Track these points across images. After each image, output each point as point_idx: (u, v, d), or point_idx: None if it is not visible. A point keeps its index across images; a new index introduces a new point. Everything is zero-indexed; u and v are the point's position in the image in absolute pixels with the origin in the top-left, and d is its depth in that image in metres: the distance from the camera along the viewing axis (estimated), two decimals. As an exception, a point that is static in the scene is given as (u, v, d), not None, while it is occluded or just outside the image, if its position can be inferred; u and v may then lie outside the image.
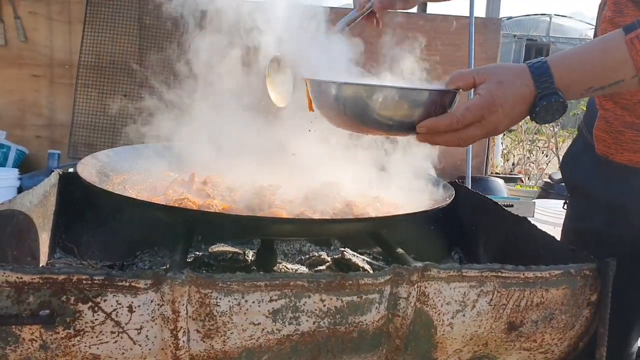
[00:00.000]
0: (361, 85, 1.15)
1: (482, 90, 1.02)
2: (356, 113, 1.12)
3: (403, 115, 1.10)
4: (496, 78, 1.02)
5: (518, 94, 1.01)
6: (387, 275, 1.01)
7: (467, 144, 1.06)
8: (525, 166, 8.01)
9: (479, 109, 1.01)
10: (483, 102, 1.01)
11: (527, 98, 1.01)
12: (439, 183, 1.58)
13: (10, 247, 1.24)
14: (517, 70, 1.03)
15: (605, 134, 1.32)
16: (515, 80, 1.01)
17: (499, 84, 1.02)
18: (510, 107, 1.01)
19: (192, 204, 1.27)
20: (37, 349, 0.93)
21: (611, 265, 1.07)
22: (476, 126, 1.03)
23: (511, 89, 1.01)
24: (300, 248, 1.83)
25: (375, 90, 1.10)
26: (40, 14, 4.81)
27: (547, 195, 5.46)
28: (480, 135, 1.05)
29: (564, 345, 1.15)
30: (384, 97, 1.09)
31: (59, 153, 4.72)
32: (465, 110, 1.02)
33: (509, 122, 1.04)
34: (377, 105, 1.09)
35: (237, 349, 0.99)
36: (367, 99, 1.10)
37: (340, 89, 1.14)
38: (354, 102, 1.12)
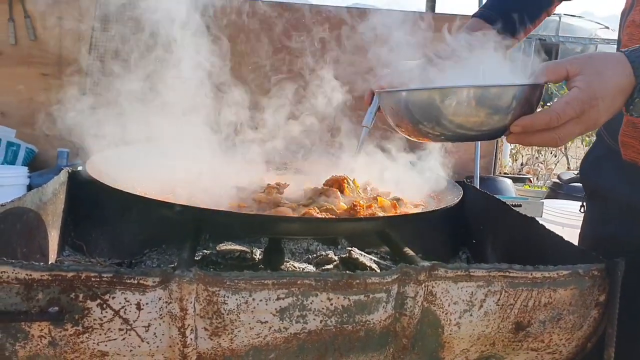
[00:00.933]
0: (438, 89, 1.04)
1: (580, 83, 0.95)
2: (435, 120, 1.03)
3: (492, 115, 1.00)
4: (593, 69, 0.95)
5: (618, 84, 0.94)
6: (395, 274, 1.01)
7: (563, 143, 0.99)
8: (534, 166, 7.97)
9: (581, 103, 0.94)
10: (584, 95, 0.94)
11: (626, 89, 0.95)
12: (447, 182, 1.58)
13: (19, 245, 1.24)
14: (615, 60, 0.96)
15: (634, 139, 1.27)
16: (615, 70, 0.95)
17: (598, 74, 0.95)
18: (610, 100, 0.95)
19: (200, 202, 1.28)
20: (46, 345, 0.93)
21: (620, 266, 1.07)
22: (575, 122, 0.96)
23: (611, 79, 0.94)
24: (308, 247, 1.83)
25: (463, 92, 1.00)
26: (50, 13, 4.83)
27: (556, 196, 5.43)
28: (579, 132, 0.98)
29: (571, 346, 1.14)
30: (475, 98, 1.00)
31: (68, 151, 4.74)
32: (566, 105, 0.95)
33: (607, 116, 0.97)
34: (467, 110, 1.00)
35: (245, 347, 0.99)
36: (445, 101, 1.01)
37: (430, 96, 1.04)
38: (431, 108, 1.02)
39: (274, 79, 1.71)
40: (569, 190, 5.40)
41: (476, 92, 1.00)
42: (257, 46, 3.81)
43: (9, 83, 4.90)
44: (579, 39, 11.67)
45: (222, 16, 1.79)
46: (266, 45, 3.76)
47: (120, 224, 1.73)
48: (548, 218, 3.97)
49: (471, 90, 1.00)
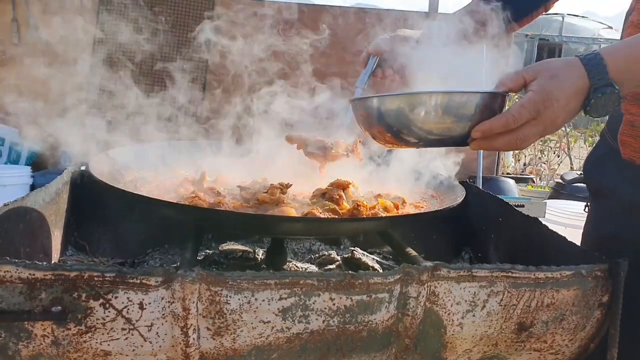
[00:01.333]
0: (405, 95, 1.09)
1: (535, 86, 1.00)
2: (403, 127, 1.07)
3: (455, 121, 1.04)
4: (548, 73, 1.00)
5: (573, 86, 0.99)
6: (397, 274, 1.01)
7: (525, 144, 1.03)
8: (537, 166, 7.96)
9: (534, 104, 0.99)
10: (537, 97, 0.99)
11: (581, 91, 0.99)
12: (450, 183, 1.57)
13: (22, 244, 1.25)
14: (569, 64, 1.01)
15: (632, 138, 1.28)
16: (569, 73, 0.99)
17: (552, 77, 1.00)
18: (565, 101, 0.99)
19: (203, 202, 1.28)
20: (48, 344, 0.93)
21: (622, 266, 1.06)
22: (532, 124, 1.00)
23: (565, 82, 0.99)
24: (310, 247, 1.83)
25: (423, 99, 1.04)
26: (53, 12, 4.84)
27: (559, 196, 5.43)
28: (538, 133, 1.02)
29: (574, 347, 1.14)
30: (434, 105, 1.03)
31: (71, 151, 4.75)
32: (521, 107, 0.99)
33: (565, 117, 1.02)
34: (426, 115, 1.04)
35: (247, 347, 0.99)
36: (413, 109, 1.04)
37: (382, 102, 1.08)
38: (399, 115, 1.06)
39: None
40: (572, 190, 5.39)
41: (440, 99, 1.04)
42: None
43: (13, 82, 4.91)
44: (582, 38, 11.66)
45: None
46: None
47: (123, 224, 1.73)
48: (551, 218, 3.97)
49: (436, 97, 1.04)
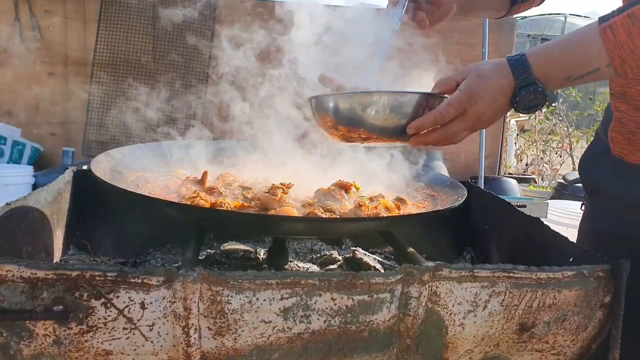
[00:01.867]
0: (349, 94, 1.19)
1: (462, 86, 1.08)
2: (347, 121, 1.16)
3: (392, 118, 1.13)
4: (475, 73, 1.08)
5: (497, 84, 1.06)
6: (399, 274, 1.01)
7: (455, 139, 1.11)
8: (539, 166, 7.95)
9: (460, 101, 1.07)
10: (462, 94, 1.07)
11: (507, 89, 1.06)
12: (452, 183, 1.57)
13: (24, 244, 1.25)
14: (496, 64, 1.08)
15: (620, 135, 1.32)
16: (494, 73, 1.07)
17: (478, 77, 1.07)
18: (491, 98, 1.06)
19: (204, 202, 1.28)
20: (50, 344, 0.93)
21: (625, 267, 1.06)
22: (460, 120, 1.08)
23: (490, 80, 1.06)
24: (312, 247, 1.83)
25: (363, 97, 1.14)
26: (55, 12, 4.85)
27: (561, 196, 5.41)
28: (466, 128, 1.10)
29: (576, 347, 1.14)
30: (373, 103, 1.13)
31: (73, 150, 4.76)
32: (447, 105, 1.08)
33: (492, 113, 1.09)
34: (366, 112, 1.13)
35: (248, 347, 0.99)
36: (356, 106, 1.14)
37: (329, 100, 1.18)
38: (344, 111, 1.16)
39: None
40: (574, 190, 5.38)
41: (381, 99, 1.14)
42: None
43: (15, 82, 4.92)
44: (585, 38, 11.60)
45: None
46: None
47: (125, 223, 1.73)
48: (553, 219, 3.96)
49: (377, 96, 1.14)
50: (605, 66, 1.03)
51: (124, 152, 1.54)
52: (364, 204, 1.32)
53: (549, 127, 8.37)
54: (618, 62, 1.02)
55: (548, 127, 8.38)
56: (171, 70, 4.78)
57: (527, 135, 8.63)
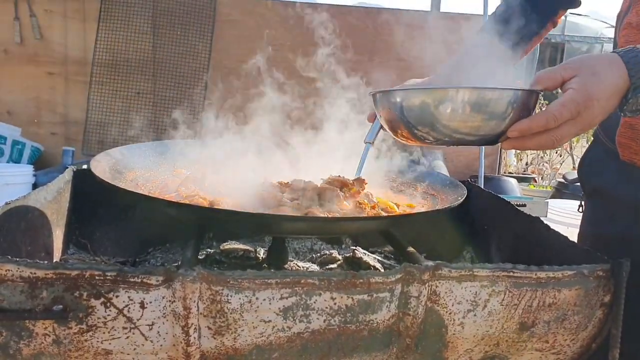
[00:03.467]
0: (435, 89, 1.04)
1: (576, 84, 0.96)
2: (430, 124, 1.03)
3: (490, 119, 1.00)
4: (589, 70, 0.96)
5: (613, 85, 0.95)
6: (398, 274, 1.01)
7: (561, 143, 1.00)
8: (539, 166, 7.94)
9: (576, 104, 0.95)
10: (579, 96, 0.95)
11: (621, 89, 0.96)
12: (452, 182, 1.57)
13: (24, 243, 1.25)
14: (609, 61, 0.97)
15: (632, 140, 1.28)
16: (609, 71, 0.96)
17: (593, 75, 0.96)
18: (605, 101, 0.96)
19: (203, 201, 1.28)
20: (50, 343, 0.93)
21: (625, 266, 1.06)
22: (571, 124, 0.97)
23: (606, 80, 0.95)
24: (312, 246, 1.83)
25: (459, 95, 0.99)
26: (55, 12, 4.85)
27: (561, 196, 5.42)
28: (575, 133, 0.99)
29: (576, 347, 1.14)
30: (471, 102, 0.99)
31: (73, 150, 4.76)
32: (561, 106, 0.95)
33: (602, 116, 0.99)
34: (464, 112, 0.99)
35: (248, 346, 0.99)
36: (442, 105, 1.00)
37: (411, 97, 1.03)
38: (426, 112, 1.01)
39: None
40: (574, 190, 5.39)
41: (472, 95, 1.00)
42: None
43: (15, 82, 4.92)
44: (585, 38, 11.62)
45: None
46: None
47: (125, 223, 1.73)
48: (553, 218, 3.96)
49: (467, 93, 1.00)
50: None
51: (124, 151, 1.54)
52: (364, 202, 1.32)
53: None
54: None
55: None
56: (171, 68, 4.78)
57: (527, 134, 8.60)
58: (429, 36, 1.39)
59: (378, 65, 4.51)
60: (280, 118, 1.59)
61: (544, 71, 1.01)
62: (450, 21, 4.74)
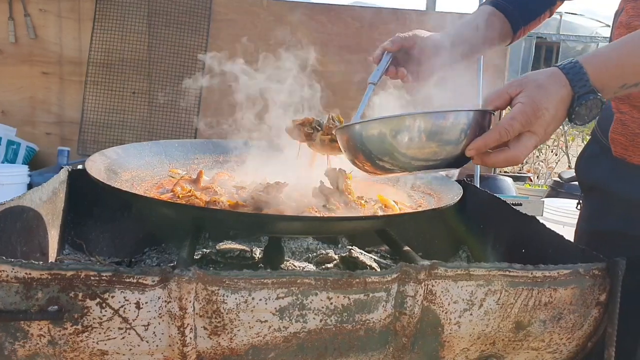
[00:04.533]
0: (386, 119, 1.04)
1: (523, 98, 1.00)
2: (387, 154, 1.04)
3: (446, 143, 1.03)
4: (533, 84, 1.01)
5: (558, 94, 1.00)
6: (395, 273, 1.01)
7: (521, 158, 1.02)
8: (535, 165, 7.97)
9: (526, 115, 0.99)
10: (527, 108, 0.99)
11: (566, 99, 1.00)
12: (448, 181, 1.57)
13: (19, 243, 1.24)
14: (551, 74, 1.01)
15: (622, 136, 1.30)
16: (553, 83, 1.00)
17: (539, 88, 1.00)
18: (554, 110, 1.00)
19: (199, 201, 1.28)
20: (45, 344, 0.93)
21: (620, 265, 1.06)
22: (528, 136, 1.01)
23: (551, 90, 1.00)
24: (308, 246, 1.83)
25: (402, 123, 1.02)
26: (50, 11, 4.83)
27: (557, 195, 5.43)
28: (534, 144, 1.02)
29: (572, 345, 1.14)
30: (416, 130, 1.01)
31: (68, 150, 4.75)
32: (511, 119, 0.99)
33: (554, 126, 1.02)
34: (414, 140, 1.01)
35: (244, 346, 0.99)
36: (398, 134, 1.02)
37: (360, 133, 1.05)
38: (382, 142, 1.03)
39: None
40: (570, 189, 5.39)
41: (426, 123, 1.01)
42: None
43: (10, 82, 4.90)
44: (580, 37, 11.66)
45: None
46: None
47: (120, 223, 1.73)
48: (548, 217, 3.97)
49: (420, 120, 1.02)
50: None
51: (119, 151, 1.54)
52: (360, 202, 1.32)
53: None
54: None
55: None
56: (166, 68, 4.77)
57: (522, 133, 8.63)
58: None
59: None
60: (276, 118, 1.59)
61: (491, 92, 1.05)
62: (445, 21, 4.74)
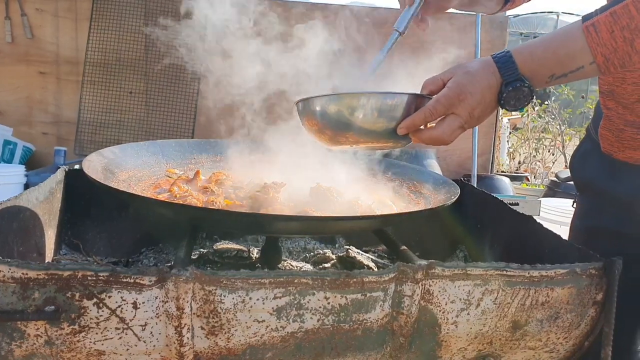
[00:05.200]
0: (335, 95, 1.16)
1: (450, 83, 1.08)
2: (335, 125, 1.14)
3: (381, 120, 1.12)
4: (462, 70, 1.08)
5: (485, 81, 1.06)
6: (392, 273, 1.01)
7: (448, 138, 1.09)
8: (532, 165, 7.98)
9: (448, 98, 1.07)
10: (451, 91, 1.07)
11: (494, 86, 1.07)
12: (445, 181, 1.57)
13: (16, 243, 1.24)
14: (483, 62, 1.08)
15: (609, 132, 1.33)
16: (482, 69, 1.07)
17: (466, 73, 1.08)
18: (480, 95, 1.06)
19: (196, 200, 1.28)
20: (42, 344, 0.93)
21: (617, 265, 1.07)
22: (452, 118, 1.08)
23: (478, 76, 1.07)
24: (305, 246, 1.83)
25: (350, 99, 1.12)
26: (46, 11, 4.82)
27: (554, 194, 5.44)
28: (459, 125, 1.09)
29: (569, 345, 1.14)
30: (361, 105, 1.11)
31: (65, 150, 4.73)
32: (436, 102, 1.08)
33: (481, 110, 1.09)
34: (354, 115, 1.12)
35: (241, 346, 0.99)
36: (343, 109, 1.12)
37: (315, 103, 1.15)
38: (331, 114, 1.14)
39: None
40: (567, 188, 5.41)
41: (368, 99, 1.12)
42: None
43: (6, 81, 4.89)
44: (577, 37, 11.65)
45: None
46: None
47: (117, 223, 1.72)
48: (545, 216, 3.98)
49: (364, 97, 1.12)
50: (589, 64, 1.03)
51: (116, 151, 1.53)
52: (357, 202, 1.32)
53: (541, 125, 8.40)
54: (601, 60, 1.02)
55: (540, 125, 8.41)
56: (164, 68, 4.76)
57: (519, 133, 8.65)
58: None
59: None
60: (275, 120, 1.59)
61: (428, 78, 1.13)
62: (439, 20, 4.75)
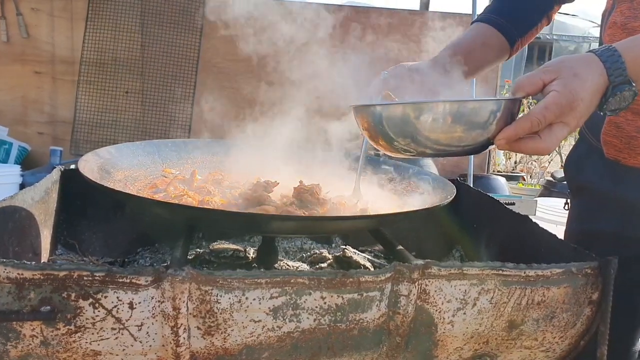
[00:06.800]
0: (417, 103, 1.03)
1: (558, 86, 0.95)
2: (413, 137, 1.02)
3: (474, 131, 1.00)
4: (569, 71, 0.95)
5: (594, 85, 0.95)
6: (388, 272, 1.01)
7: (551, 149, 0.98)
8: (528, 164, 7.99)
9: (560, 106, 0.94)
10: (562, 98, 0.94)
11: (601, 89, 0.96)
12: (441, 181, 1.58)
13: (11, 243, 1.24)
14: (588, 61, 0.97)
15: (616, 139, 1.30)
16: (589, 71, 0.95)
17: (575, 77, 0.95)
18: (589, 100, 0.95)
19: (192, 200, 1.27)
20: (37, 345, 0.93)
21: (613, 264, 1.07)
22: (560, 126, 0.96)
23: (588, 80, 0.95)
24: (302, 245, 1.83)
25: (439, 108, 0.99)
26: (42, 10, 4.81)
27: (550, 194, 5.46)
28: (564, 135, 0.97)
29: (565, 344, 1.15)
30: (456, 114, 0.98)
31: (61, 150, 4.73)
32: (545, 109, 0.94)
33: (587, 116, 0.98)
34: (443, 126, 0.99)
35: (238, 346, 0.99)
36: (432, 120, 0.99)
37: (391, 112, 1.04)
38: (407, 125, 1.01)
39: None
40: (563, 188, 5.43)
41: (453, 108, 0.99)
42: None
43: (2, 81, 4.88)
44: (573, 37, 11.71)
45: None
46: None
47: (113, 223, 1.72)
48: (541, 216, 3.99)
49: (447, 106, 0.99)
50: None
51: (112, 150, 1.53)
52: (343, 203, 1.32)
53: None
54: None
55: (537, 125, 8.41)
56: (159, 67, 4.75)
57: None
58: (418, 35, 1.39)
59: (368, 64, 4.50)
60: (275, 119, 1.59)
61: (524, 77, 1.00)
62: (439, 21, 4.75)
